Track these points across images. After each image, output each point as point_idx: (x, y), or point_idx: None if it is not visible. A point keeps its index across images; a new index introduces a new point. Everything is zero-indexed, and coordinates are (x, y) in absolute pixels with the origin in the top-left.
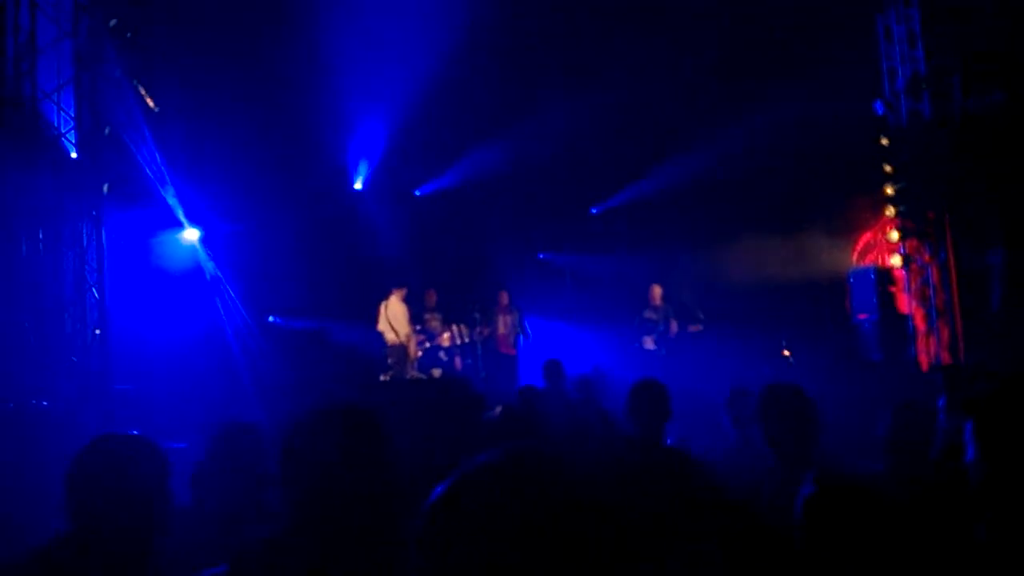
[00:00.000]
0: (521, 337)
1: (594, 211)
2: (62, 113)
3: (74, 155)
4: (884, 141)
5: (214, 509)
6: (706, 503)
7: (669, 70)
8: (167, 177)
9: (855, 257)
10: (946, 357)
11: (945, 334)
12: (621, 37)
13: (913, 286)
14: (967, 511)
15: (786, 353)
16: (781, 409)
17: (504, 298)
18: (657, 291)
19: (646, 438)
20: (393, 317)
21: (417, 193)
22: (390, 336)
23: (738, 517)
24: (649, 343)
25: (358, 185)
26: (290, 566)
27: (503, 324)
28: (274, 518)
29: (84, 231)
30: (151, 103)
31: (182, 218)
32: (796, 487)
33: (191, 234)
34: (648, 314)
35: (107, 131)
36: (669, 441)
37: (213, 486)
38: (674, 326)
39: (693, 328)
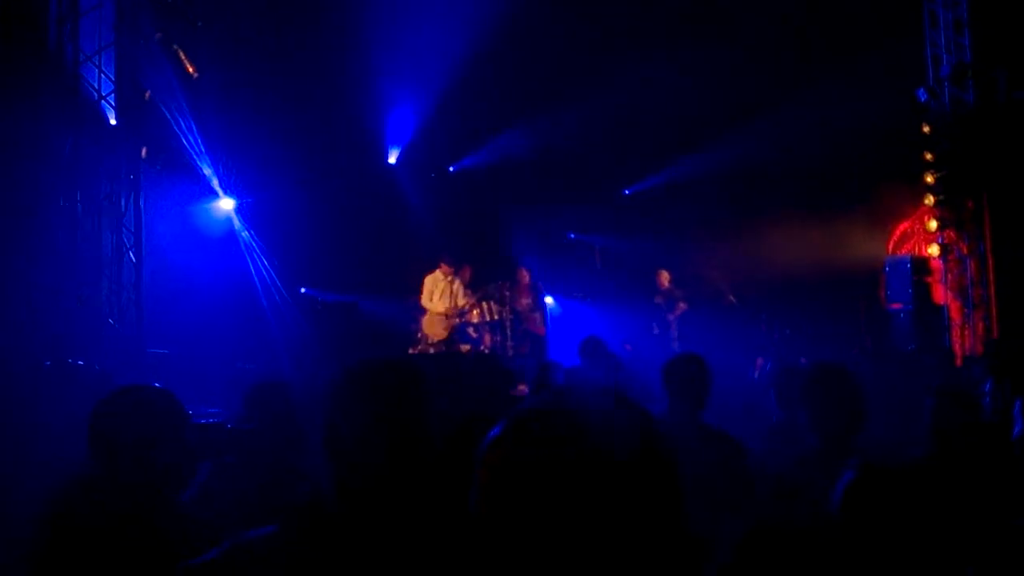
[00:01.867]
0: (548, 315)
1: (627, 192)
2: (103, 76)
3: (113, 120)
4: (926, 129)
5: (251, 468)
6: (745, 484)
7: (707, 53)
8: (203, 145)
9: (891, 246)
10: (980, 351)
11: (980, 327)
12: (659, 19)
13: (950, 277)
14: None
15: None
16: (828, 390)
17: (524, 276)
18: (664, 276)
19: (681, 416)
20: (436, 290)
21: (451, 169)
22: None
23: (777, 499)
24: (655, 328)
25: (392, 159)
26: (342, 526)
27: (524, 304)
28: (310, 476)
29: (122, 195)
30: (191, 69)
31: (217, 187)
32: (837, 471)
33: (226, 203)
34: (657, 299)
35: (147, 96)
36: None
37: (249, 445)
38: (678, 308)
39: (680, 307)
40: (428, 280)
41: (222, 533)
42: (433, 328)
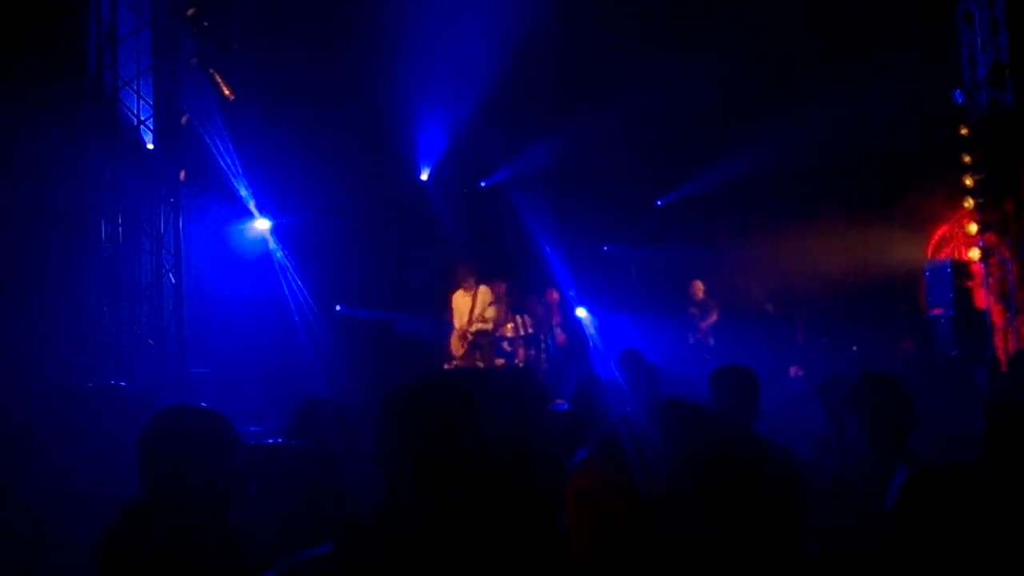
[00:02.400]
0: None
1: (660, 203)
2: (142, 101)
3: (151, 145)
4: (963, 130)
5: (285, 488)
6: (797, 494)
7: (740, 58)
8: (239, 167)
9: (930, 251)
10: None
11: None
12: (689, 27)
13: (992, 281)
14: None
15: (854, 349)
16: (879, 398)
17: (553, 296)
18: (698, 286)
19: (734, 426)
20: (455, 307)
21: (482, 184)
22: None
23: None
24: (690, 339)
25: (424, 176)
26: (399, 545)
27: (555, 322)
28: (343, 495)
29: (161, 218)
30: (228, 92)
31: (253, 208)
32: (890, 477)
33: (262, 224)
34: (691, 310)
35: (184, 120)
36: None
37: (289, 463)
38: (711, 319)
39: (704, 324)
40: (453, 299)
41: (270, 555)
42: (453, 345)
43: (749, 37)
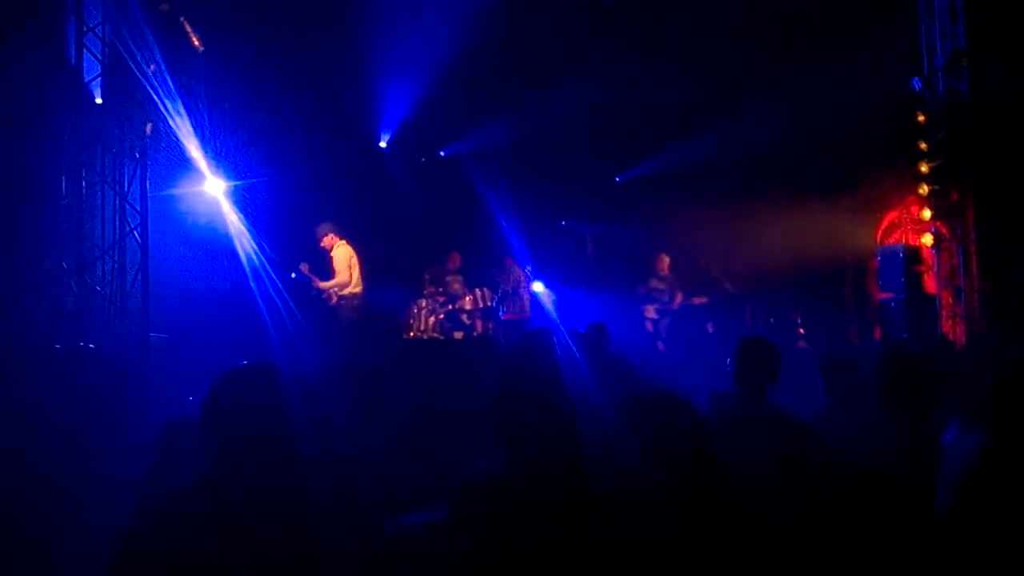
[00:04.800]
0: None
1: (619, 179)
2: (107, 49)
3: (107, 96)
4: (921, 118)
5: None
6: (822, 463)
7: (700, 38)
8: (199, 125)
9: (879, 236)
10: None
11: (970, 316)
12: (650, 5)
13: (942, 266)
14: None
15: (801, 331)
16: (904, 372)
17: (509, 264)
18: (665, 260)
19: (752, 397)
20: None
21: (442, 154)
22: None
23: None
24: (651, 311)
25: (383, 143)
26: (514, 503)
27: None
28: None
29: (126, 172)
30: (197, 42)
31: (206, 169)
32: (919, 448)
33: (216, 185)
34: (654, 283)
35: (151, 69)
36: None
37: None
38: (679, 297)
39: (698, 300)
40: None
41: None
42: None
43: (709, 21)
